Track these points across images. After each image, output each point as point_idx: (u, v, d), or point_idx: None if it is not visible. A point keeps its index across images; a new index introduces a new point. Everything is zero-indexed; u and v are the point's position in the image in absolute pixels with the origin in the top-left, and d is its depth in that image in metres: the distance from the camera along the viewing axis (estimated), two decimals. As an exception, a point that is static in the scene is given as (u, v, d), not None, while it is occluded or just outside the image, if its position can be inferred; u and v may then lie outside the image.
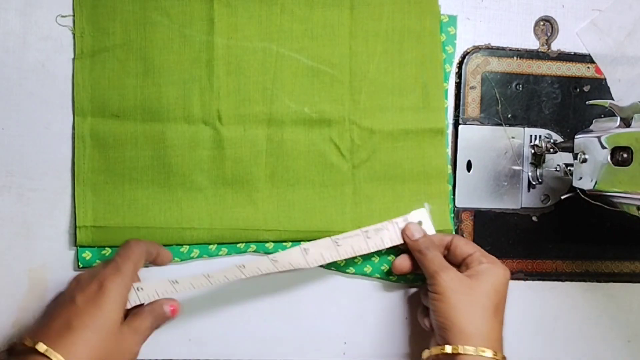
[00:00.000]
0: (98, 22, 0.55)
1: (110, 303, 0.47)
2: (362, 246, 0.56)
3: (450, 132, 0.60)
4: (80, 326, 0.45)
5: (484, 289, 0.51)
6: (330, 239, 0.56)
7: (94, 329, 0.46)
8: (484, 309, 0.51)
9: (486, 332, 0.50)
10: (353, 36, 0.57)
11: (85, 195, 0.55)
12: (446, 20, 0.59)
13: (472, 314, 0.50)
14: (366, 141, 0.58)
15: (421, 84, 0.58)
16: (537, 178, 0.60)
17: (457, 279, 0.52)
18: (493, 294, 0.51)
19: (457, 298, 0.51)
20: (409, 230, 0.56)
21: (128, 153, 0.55)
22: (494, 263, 0.53)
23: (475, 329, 0.50)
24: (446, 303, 0.51)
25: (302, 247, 0.55)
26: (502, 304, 0.52)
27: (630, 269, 0.63)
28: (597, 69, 0.62)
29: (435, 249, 0.55)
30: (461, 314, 0.50)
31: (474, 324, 0.50)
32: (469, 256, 0.54)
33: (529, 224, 0.61)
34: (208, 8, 0.55)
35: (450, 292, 0.51)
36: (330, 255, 0.55)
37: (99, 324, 0.46)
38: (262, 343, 0.58)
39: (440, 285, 0.51)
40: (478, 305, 0.50)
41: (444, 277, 0.51)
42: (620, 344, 0.63)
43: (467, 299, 0.51)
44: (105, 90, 0.55)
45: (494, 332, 0.50)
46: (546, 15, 0.62)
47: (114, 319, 0.47)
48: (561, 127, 0.61)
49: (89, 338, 0.45)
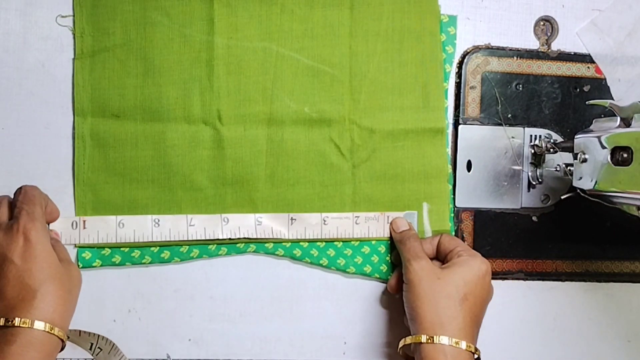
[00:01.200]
0: (98, 22, 0.55)
1: (45, 250, 0.47)
2: (347, 230, 0.57)
3: (450, 132, 0.60)
4: (36, 283, 0.46)
5: (451, 279, 0.51)
6: (320, 215, 0.57)
7: (49, 279, 0.47)
8: (448, 298, 0.51)
9: (448, 321, 0.50)
10: (353, 36, 0.57)
11: (86, 195, 0.55)
12: (446, 20, 0.59)
13: (435, 303, 0.50)
14: (366, 141, 0.58)
15: (421, 83, 0.58)
16: (537, 178, 0.60)
17: (428, 268, 0.52)
18: (461, 284, 0.51)
19: (422, 287, 0.51)
20: (395, 224, 0.57)
21: (128, 153, 0.55)
22: (473, 256, 0.53)
23: (437, 318, 0.50)
24: (412, 292, 0.51)
25: (289, 215, 0.56)
26: (472, 295, 0.52)
27: (630, 269, 0.63)
28: (597, 69, 0.62)
29: (416, 241, 0.55)
30: (424, 303, 0.51)
31: (436, 313, 0.50)
32: (450, 251, 0.54)
33: (529, 224, 0.61)
34: (208, 8, 0.55)
35: (418, 280, 0.51)
36: (313, 232, 0.56)
37: (47, 272, 0.47)
38: (262, 343, 0.58)
39: (410, 273, 0.52)
40: (442, 294, 0.51)
41: (415, 266, 0.52)
42: (620, 344, 0.63)
43: (432, 288, 0.51)
44: (106, 90, 0.55)
45: (457, 322, 0.50)
46: (546, 15, 0.62)
47: (55, 262, 0.48)
48: (561, 127, 0.61)
49: (50, 290, 0.46)
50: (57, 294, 0.47)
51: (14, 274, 0.46)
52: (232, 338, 0.57)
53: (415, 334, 0.51)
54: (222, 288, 0.57)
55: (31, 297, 0.46)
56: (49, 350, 0.46)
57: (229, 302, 0.57)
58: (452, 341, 0.49)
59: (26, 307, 0.45)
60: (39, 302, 0.46)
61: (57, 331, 0.46)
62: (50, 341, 0.46)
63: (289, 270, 0.58)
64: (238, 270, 0.57)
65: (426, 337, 0.50)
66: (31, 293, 0.46)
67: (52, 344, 0.46)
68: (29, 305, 0.45)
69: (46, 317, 0.45)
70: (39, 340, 0.45)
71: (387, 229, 0.58)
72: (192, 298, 0.57)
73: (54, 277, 0.47)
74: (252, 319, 0.58)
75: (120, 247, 0.55)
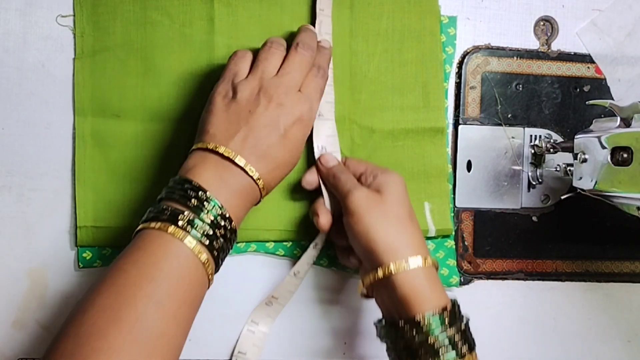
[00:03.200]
0: (98, 22, 0.55)
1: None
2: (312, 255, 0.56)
3: (450, 132, 0.60)
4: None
5: (393, 200, 0.50)
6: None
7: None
8: (399, 218, 0.49)
9: (409, 241, 0.48)
10: (353, 35, 0.57)
11: (86, 195, 0.55)
12: (446, 21, 0.59)
13: (390, 227, 0.48)
14: (366, 140, 0.58)
15: (421, 83, 0.58)
16: (537, 178, 0.61)
17: (370, 196, 0.50)
18: (402, 201, 0.50)
19: (371, 215, 0.49)
20: (324, 158, 0.54)
21: (129, 153, 0.55)
22: (387, 171, 0.52)
23: (399, 241, 0.48)
24: (362, 223, 0.49)
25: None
26: (412, 209, 0.51)
27: (630, 269, 0.63)
28: (597, 69, 0.62)
29: (348, 174, 0.53)
30: (379, 230, 0.48)
31: (395, 236, 0.48)
32: (362, 174, 0.53)
33: (529, 224, 0.61)
34: (208, 7, 0.55)
35: (364, 210, 0.49)
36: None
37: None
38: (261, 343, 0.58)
39: (353, 204, 0.49)
40: (393, 217, 0.49)
41: (356, 195, 0.50)
42: (620, 344, 0.63)
43: (381, 213, 0.49)
44: (106, 90, 0.55)
45: (416, 238, 0.49)
46: (546, 15, 0.62)
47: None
48: (561, 127, 0.61)
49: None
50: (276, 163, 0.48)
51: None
52: (232, 338, 0.57)
53: (377, 266, 0.48)
54: (222, 288, 0.57)
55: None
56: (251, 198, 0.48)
57: (229, 302, 0.57)
58: (423, 260, 0.47)
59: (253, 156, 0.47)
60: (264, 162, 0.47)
61: (261, 183, 0.47)
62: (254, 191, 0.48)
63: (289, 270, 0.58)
64: (238, 270, 0.57)
65: (395, 265, 0.47)
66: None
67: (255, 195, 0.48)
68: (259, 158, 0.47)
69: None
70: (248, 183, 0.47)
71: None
72: (192, 298, 0.57)
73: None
74: (252, 319, 0.58)
75: (121, 247, 0.55)
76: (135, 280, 0.41)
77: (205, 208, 0.44)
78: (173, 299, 0.41)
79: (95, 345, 0.38)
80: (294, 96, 0.49)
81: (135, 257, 0.42)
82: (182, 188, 0.44)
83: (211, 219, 0.44)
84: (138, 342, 0.39)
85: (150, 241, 0.43)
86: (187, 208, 0.43)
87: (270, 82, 0.49)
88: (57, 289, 0.55)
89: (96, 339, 0.38)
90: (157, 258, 0.42)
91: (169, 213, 0.43)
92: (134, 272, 0.41)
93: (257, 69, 0.49)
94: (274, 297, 0.56)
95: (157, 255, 0.42)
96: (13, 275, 0.54)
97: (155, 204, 0.46)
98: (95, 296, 0.41)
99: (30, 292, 0.55)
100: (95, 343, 0.38)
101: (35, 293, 0.55)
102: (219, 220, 0.44)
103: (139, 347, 0.39)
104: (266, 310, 0.57)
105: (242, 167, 0.46)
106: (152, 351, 0.39)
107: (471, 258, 0.60)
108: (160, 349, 0.40)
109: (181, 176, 0.46)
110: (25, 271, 0.55)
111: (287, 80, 0.49)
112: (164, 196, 0.45)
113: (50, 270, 0.55)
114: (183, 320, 0.42)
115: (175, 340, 0.42)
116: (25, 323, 0.54)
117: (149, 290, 0.40)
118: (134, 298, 0.40)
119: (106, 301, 0.40)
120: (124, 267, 0.42)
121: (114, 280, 0.41)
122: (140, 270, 0.41)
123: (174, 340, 0.41)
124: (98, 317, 0.39)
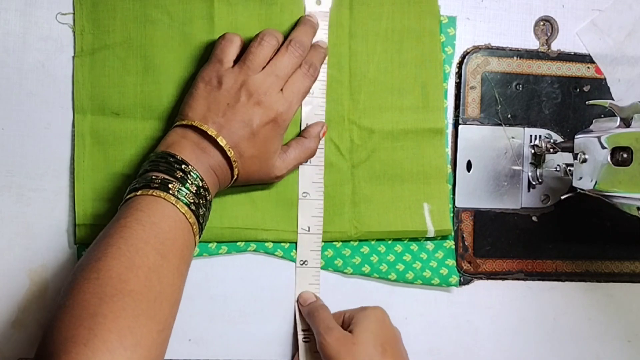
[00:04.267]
0: (98, 20, 0.55)
1: None
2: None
3: (450, 132, 0.60)
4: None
5: (364, 339, 0.51)
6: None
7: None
8: (371, 358, 0.50)
9: None
10: (352, 36, 0.57)
11: (85, 193, 0.54)
12: (446, 21, 0.59)
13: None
14: (366, 141, 0.58)
15: (421, 83, 0.58)
16: (537, 178, 0.60)
17: (342, 337, 0.51)
18: (373, 338, 0.51)
19: (342, 358, 0.50)
20: (302, 297, 0.57)
21: (128, 151, 0.55)
22: (364, 309, 0.54)
23: None
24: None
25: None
26: (387, 343, 0.52)
27: (630, 269, 0.63)
28: (597, 69, 0.62)
29: (325, 311, 0.55)
30: None
31: None
32: (343, 322, 0.55)
33: (529, 224, 0.61)
34: (208, 6, 0.55)
35: (336, 353, 0.50)
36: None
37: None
38: (262, 343, 0.58)
39: (326, 348, 0.51)
40: (364, 358, 0.50)
41: (329, 339, 0.51)
42: (620, 344, 0.63)
43: (352, 356, 0.50)
44: (105, 88, 0.55)
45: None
46: (546, 15, 0.62)
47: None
48: (561, 127, 0.61)
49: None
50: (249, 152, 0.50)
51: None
52: (232, 338, 0.57)
53: None
54: (222, 288, 0.57)
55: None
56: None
57: (229, 302, 0.57)
58: None
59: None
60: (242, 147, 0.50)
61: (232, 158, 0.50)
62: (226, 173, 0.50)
63: (289, 271, 0.58)
64: (238, 270, 0.57)
65: None
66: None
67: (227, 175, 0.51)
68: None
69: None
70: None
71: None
72: (192, 298, 0.56)
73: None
74: (252, 319, 0.58)
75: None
76: (141, 235, 0.43)
77: (189, 179, 0.47)
78: (175, 255, 0.45)
79: (118, 287, 0.40)
80: (274, 97, 0.51)
81: (135, 216, 0.45)
82: (167, 161, 0.48)
83: (195, 189, 0.47)
84: (152, 289, 0.42)
85: (147, 204, 0.45)
86: (175, 179, 0.47)
87: (253, 79, 0.50)
88: (57, 289, 0.55)
89: (116, 282, 0.41)
90: (157, 218, 0.45)
91: (160, 182, 0.46)
92: (139, 229, 0.44)
93: (245, 62, 0.51)
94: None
95: (156, 216, 0.45)
96: (13, 275, 0.54)
97: (141, 175, 0.48)
98: (105, 247, 0.43)
99: (30, 292, 0.55)
100: (117, 285, 0.40)
101: (35, 293, 0.55)
102: (201, 191, 0.48)
103: (153, 293, 0.42)
104: None
105: (223, 147, 0.49)
106: (163, 299, 0.42)
107: (471, 258, 0.60)
108: (168, 297, 0.43)
109: (163, 151, 0.49)
110: (25, 271, 0.55)
111: (270, 80, 0.51)
112: (149, 168, 0.48)
113: (50, 271, 0.55)
114: (182, 275, 0.46)
115: (178, 293, 0.45)
116: (25, 323, 0.54)
117: (155, 244, 0.44)
118: (144, 250, 0.43)
119: (119, 251, 0.42)
120: (128, 224, 0.44)
121: (121, 234, 0.43)
122: (145, 227, 0.44)
123: (177, 292, 0.45)
124: (115, 263, 0.42)
